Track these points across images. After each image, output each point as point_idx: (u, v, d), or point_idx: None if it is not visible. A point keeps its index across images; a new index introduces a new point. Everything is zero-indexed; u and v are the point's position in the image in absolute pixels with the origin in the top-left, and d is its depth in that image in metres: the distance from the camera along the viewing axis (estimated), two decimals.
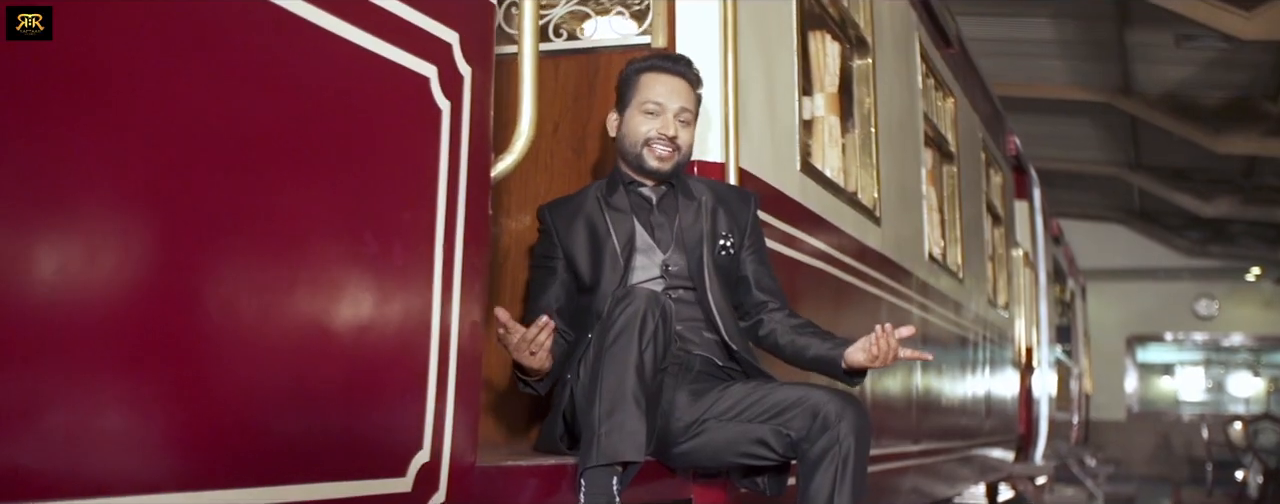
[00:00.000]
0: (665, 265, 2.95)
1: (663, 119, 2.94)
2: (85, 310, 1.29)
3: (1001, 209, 9.08)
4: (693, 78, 3.01)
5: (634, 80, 3.00)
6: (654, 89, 2.96)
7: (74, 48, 1.23)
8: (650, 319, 2.59)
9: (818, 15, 4.71)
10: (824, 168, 4.55)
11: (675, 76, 2.99)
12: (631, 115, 2.98)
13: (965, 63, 7.73)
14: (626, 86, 3.01)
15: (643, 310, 2.59)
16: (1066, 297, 14.61)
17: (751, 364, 2.92)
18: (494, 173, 2.07)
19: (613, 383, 2.55)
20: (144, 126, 1.35)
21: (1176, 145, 13.79)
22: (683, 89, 2.98)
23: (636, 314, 2.58)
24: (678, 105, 2.96)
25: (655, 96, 2.95)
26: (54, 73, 1.22)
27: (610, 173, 3.07)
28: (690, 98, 2.99)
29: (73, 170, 1.26)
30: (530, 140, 2.14)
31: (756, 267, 3.09)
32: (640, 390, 2.54)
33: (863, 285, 4.65)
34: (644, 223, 2.98)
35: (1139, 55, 11.56)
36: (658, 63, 3.01)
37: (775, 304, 3.06)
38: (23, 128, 1.20)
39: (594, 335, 2.68)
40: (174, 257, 1.40)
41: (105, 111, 1.29)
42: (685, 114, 2.97)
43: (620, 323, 2.58)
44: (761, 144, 3.57)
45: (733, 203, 3.09)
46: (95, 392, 1.29)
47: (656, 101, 2.95)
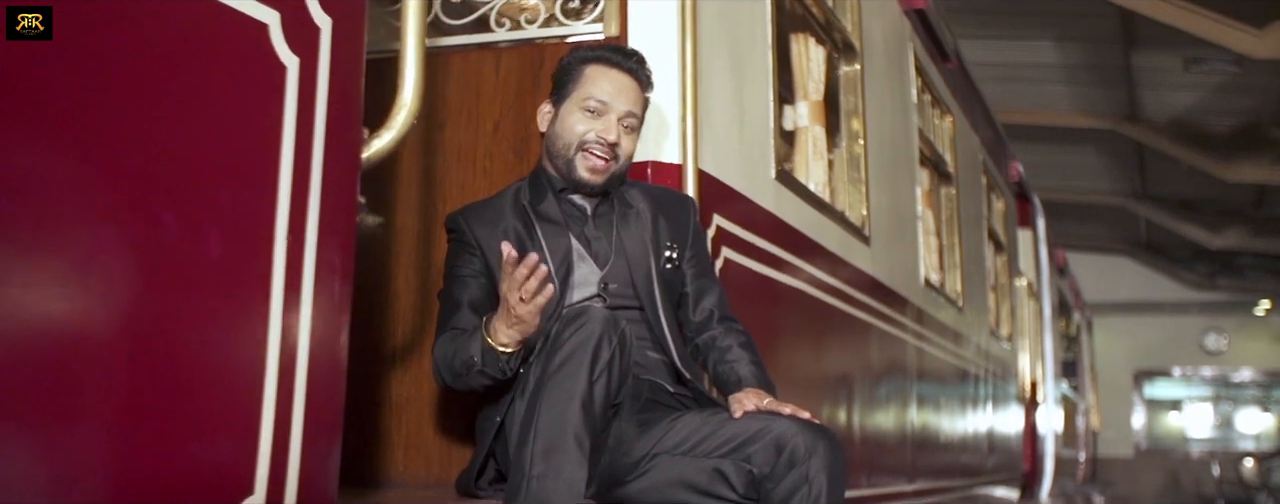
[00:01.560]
0: (604, 283, 2.56)
1: (605, 121, 2.55)
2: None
3: (1004, 237, 8.72)
4: (644, 78, 2.62)
5: (576, 71, 2.60)
6: (599, 85, 2.57)
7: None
8: (605, 346, 2.21)
9: (800, 17, 4.34)
10: (807, 181, 4.17)
11: (625, 74, 2.59)
12: (568, 111, 2.58)
13: (964, 80, 7.40)
14: (566, 77, 2.61)
15: (597, 335, 2.21)
16: (1072, 330, 14.44)
17: (702, 391, 2.52)
18: (367, 153, 1.67)
19: (552, 418, 2.17)
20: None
21: (1184, 174, 13.54)
22: (632, 90, 2.59)
23: (589, 339, 2.20)
24: (624, 107, 2.56)
25: (599, 93, 2.56)
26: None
27: (532, 173, 2.67)
28: (638, 101, 2.60)
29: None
30: (414, 113, 1.75)
31: (698, 281, 2.71)
32: (585, 429, 2.17)
33: (849, 310, 4.25)
34: (578, 236, 2.58)
35: (1146, 80, 11.28)
36: (607, 55, 2.61)
37: (717, 326, 2.67)
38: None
39: (536, 359, 2.28)
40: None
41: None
42: (631, 119, 2.58)
43: (569, 347, 2.20)
44: (727, 147, 3.18)
45: (671, 209, 2.70)
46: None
47: (600, 100, 2.55)
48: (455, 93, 3.14)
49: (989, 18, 10.09)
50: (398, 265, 3.11)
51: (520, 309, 2.25)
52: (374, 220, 3.05)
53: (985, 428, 7.44)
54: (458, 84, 3.14)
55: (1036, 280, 10.34)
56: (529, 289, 2.23)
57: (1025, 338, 9.60)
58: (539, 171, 2.65)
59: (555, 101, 2.61)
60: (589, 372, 2.16)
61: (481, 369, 2.35)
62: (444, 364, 2.45)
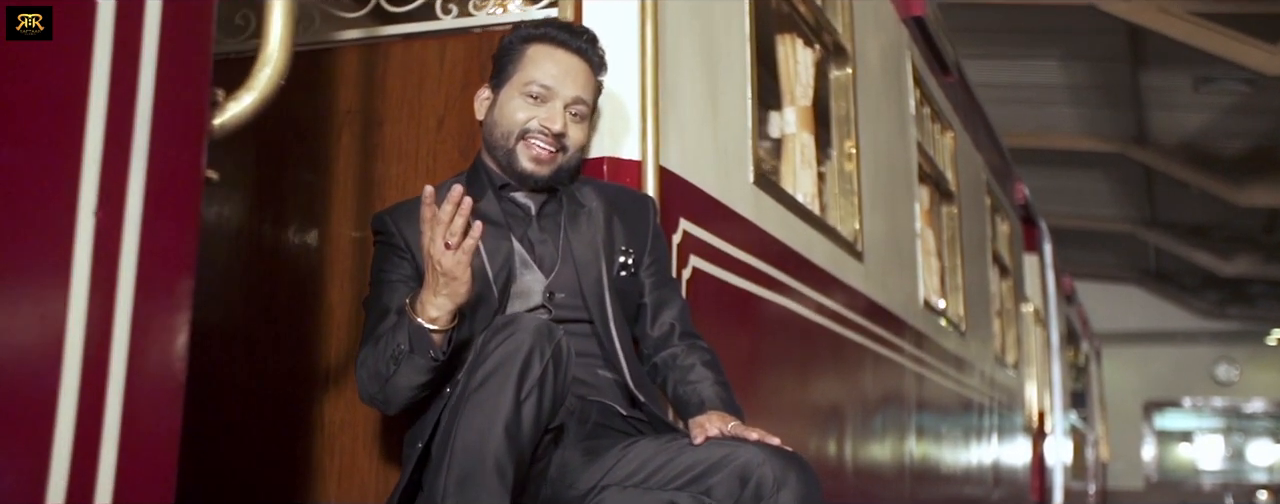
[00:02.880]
0: (550, 292, 2.24)
1: (549, 108, 2.25)
2: None
3: (1009, 261, 8.44)
4: (595, 60, 2.32)
5: (518, 52, 2.30)
6: (542, 67, 2.27)
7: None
8: (536, 360, 1.90)
9: (786, 16, 4.04)
10: (795, 191, 3.86)
11: (573, 55, 2.29)
12: (509, 97, 2.28)
13: (966, 96, 7.13)
14: (506, 58, 2.31)
15: (527, 347, 1.90)
16: (1081, 360, 14.41)
17: (659, 415, 2.20)
18: (219, 119, 1.36)
19: (470, 442, 1.86)
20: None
21: (1194, 199, 13.41)
22: (580, 73, 2.29)
23: (517, 351, 1.89)
24: (571, 93, 2.26)
25: (543, 77, 2.25)
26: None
27: (471, 167, 2.37)
28: (588, 86, 2.30)
29: None
30: (281, 70, 1.43)
31: (658, 291, 2.39)
32: (508, 456, 1.86)
33: (840, 329, 3.93)
34: (521, 238, 2.27)
35: (1154, 101, 11.10)
36: (552, 33, 2.30)
37: (678, 343, 2.35)
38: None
39: (463, 375, 1.96)
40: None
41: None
42: (579, 106, 2.28)
43: (494, 360, 1.89)
44: (698, 146, 2.87)
45: (628, 209, 2.39)
46: None
47: (543, 84, 2.25)
48: (396, 86, 2.84)
49: (992, 36, 9.87)
50: (331, 276, 2.80)
51: (446, 259, 1.95)
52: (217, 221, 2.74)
53: (990, 460, 7.19)
54: (398, 77, 2.85)
55: (1043, 307, 10.13)
56: (455, 229, 1.94)
57: (1032, 366, 9.45)
58: (478, 165, 2.35)
59: (494, 86, 2.32)
60: (516, 389, 1.85)
61: (411, 354, 2.03)
62: (370, 373, 2.14)
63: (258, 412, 2.81)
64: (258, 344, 2.84)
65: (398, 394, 2.11)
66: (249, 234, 2.90)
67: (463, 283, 1.98)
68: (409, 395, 2.12)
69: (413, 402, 2.14)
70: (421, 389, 2.10)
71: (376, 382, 2.13)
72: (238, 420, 2.82)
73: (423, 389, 2.10)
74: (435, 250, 1.96)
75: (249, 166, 2.94)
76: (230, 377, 2.84)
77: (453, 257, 1.95)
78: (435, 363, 2.04)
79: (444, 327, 2.02)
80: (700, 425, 2.12)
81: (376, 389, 2.14)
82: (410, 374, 2.07)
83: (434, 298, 2.00)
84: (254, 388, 2.82)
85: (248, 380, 2.82)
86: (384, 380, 2.10)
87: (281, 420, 2.78)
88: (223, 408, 2.84)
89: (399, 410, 2.18)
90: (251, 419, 2.81)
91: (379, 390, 2.13)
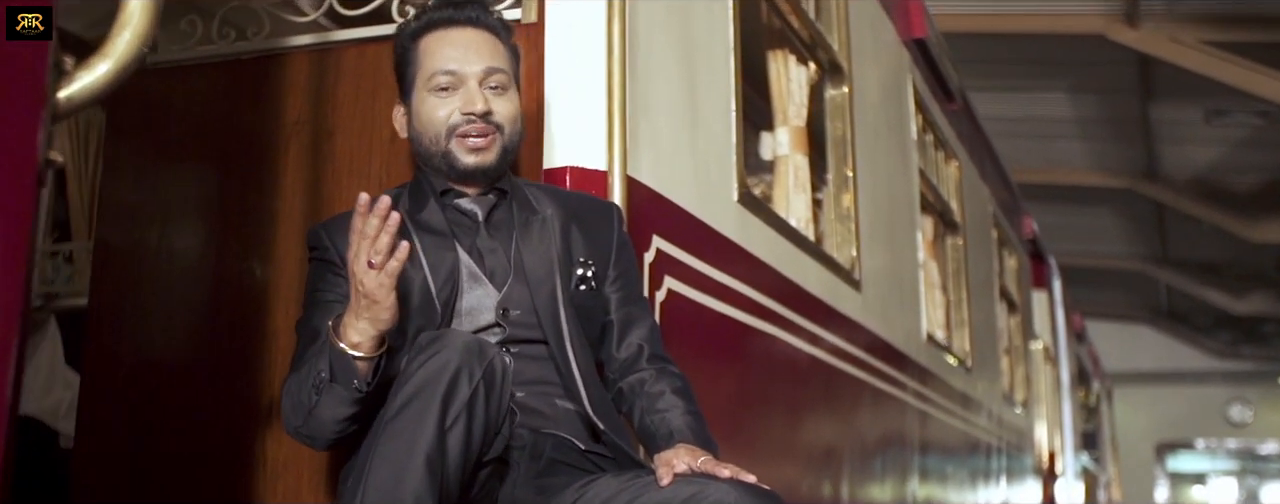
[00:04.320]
0: (502, 308, 2.00)
1: (464, 92, 2.02)
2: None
3: (1017, 296, 8.23)
4: (494, 25, 2.09)
5: (411, 52, 2.08)
6: (440, 54, 2.04)
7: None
8: (464, 381, 1.67)
9: (778, 31, 3.83)
10: (788, 215, 3.64)
11: (466, 28, 2.07)
12: (421, 101, 2.06)
13: (972, 125, 6.94)
14: (404, 64, 2.10)
15: (453, 367, 1.66)
16: (1092, 400, 14.32)
17: (624, 449, 1.95)
18: (67, 91, 1.14)
19: (386, 477, 1.64)
20: None
21: (1206, 235, 13.26)
22: (482, 43, 2.06)
23: (442, 371, 1.66)
24: (481, 66, 2.03)
25: (444, 63, 2.03)
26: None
27: (413, 181, 2.15)
28: (497, 53, 2.07)
29: None
30: (144, 37, 1.21)
31: (625, 309, 2.14)
32: (429, 492, 1.63)
33: (835, 362, 3.69)
34: (469, 248, 2.04)
35: (1165, 134, 10.95)
36: (435, 18, 2.08)
37: (647, 366, 2.11)
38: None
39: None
40: None
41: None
42: (496, 76, 2.05)
43: (414, 383, 1.66)
44: (674, 158, 2.65)
45: (589, 218, 2.15)
46: None
47: (447, 70, 2.03)
48: (348, 95, 2.63)
49: (997, 67, 9.70)
50: (276, 300, 2.57)
51: (368, 280, 1.74)
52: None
53: (999, 502, 6.97)
54: (350, 85, 2.63)
55: (1053, 344, 9.92)
56: (380, 247, 1.73)
57: (1042, 405, 9.29)
58: (418, 177, 2.12)
59: (404, 99, 2.10)
60: (439, 415, 1.62)
61: (332, 384, 1.80)
62: (293, 404, 1.91)
63: (195, 447, 2.58)
64: (195, 374, 2.62)
65: (322, 428, 1.88)
66: (185, 254, 2.68)
67: (385, 308, 1.76)
68: (335, 430, 1.88)
69: (341, 436, 1.90)
70: (348, 423, 1.87)
71: (299, 413, 1.89)
72: (174, 455, 2.59)
73: (349, 423, 1.87)
74: (358, 269, 1.75)
75: (188, 182, 2.73)
76: (165, 408, 2.61)
77: (375, 278, 1.74)
78: (360, 394, 1.81)
79: (369, 353, 1.80)
80: (667, 462, 1.88)
81: (300, 421, 1.90)
82: (333, 406, 1.83)
83: (356, 321, 1.78)
84: (191, 421, 2.59)
85: (184, 413, 2.60)
86: (306, 412, 1.87)
87: (220, 457, 2.55)
88: (157, 442, 2.61)
89: (327, 446, 1.94)
90: (188, 456, 2.58)
91: (303, 423, 1.90)
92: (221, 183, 2.69)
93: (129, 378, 2.69)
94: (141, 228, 2.73)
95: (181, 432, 2.60)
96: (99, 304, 2.75)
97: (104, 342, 2.73)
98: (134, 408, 2.67)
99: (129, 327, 2.72)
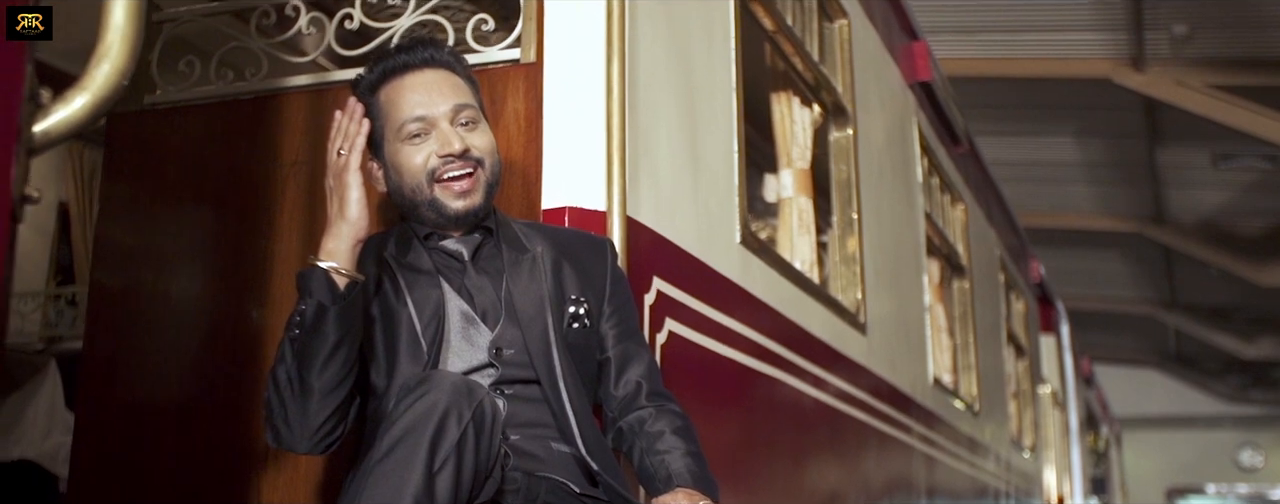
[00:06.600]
0: (495, 348, 1.96)
1: (438, 134, 1.99)
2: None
3: (1025, 340, 8.16)
4: (448, 61, 2.07)
5: (373, 106, 2.04)
6: (405, 101, 2.01)
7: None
8: (453, 422, 1.63)
9: (782, 73, 3.81)
10: (792, 258, 3.61)
11: (423, 70, 2.04)
12: (394, 152, 2.02)
13: (978, 168, 6.91)
14: (370, 119, 2.05)
15: (442, 408, 1.62)
16: (1101, 445, 14.16)
17: (620, 493, 1.91)
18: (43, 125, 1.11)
19: None
20: None
21: (1214, 280, 13.20)
22: (442, 82, 2.03)
23: (431, 412, 1.62)
24: (448, 105, 2.00)
25: (412, 111, 2.00)
26: None
27: (397, 227, 2.11)
28: (461, 89, 2.04)
29: None
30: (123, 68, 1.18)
31: (622, 345, 2.10)
32: None
33: (840, 406, 3.64)
34: (458, 289, 2.00)
35: (1172, 178, 10.91)
36: (388, 67, 2.05)
37: (647, 405, 2.06)
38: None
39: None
40: None
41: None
42: (465, 112, 2.02)
43: (402, 425, 1.62)
44: (675, 199, 2.62)
45: (581, 254, 2.11)
46: None
47: (416, 116, 1.99)
48: None
49: (1004, 111, 9.69)
50: (272, 342, 2.52)
51: (335, 165, 1.89)
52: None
53: None
54: None
55: (1061, 389, 9.83)
56: (349, 135, 1.89)
57: (1050, 450, 9.18)
58: (402, 226, 2.09)
59: (376, 154, 2.06)
60: (427, 458, 1.58)
61: (312, 320, 1.81)
62: (272, 390, 1.88)
63: (190, 491, 2.54)
64: (190, 418, 2.58)
65: (308, 397, 1.83)
66: (182, 296, 2.65)
67: (352, 204, 1.85)
68: (318, 409, 1.84)
69: (321, 427, 1.86)
70: (331, 391, 1.83)
71: (275, 398, 1.85)
72: (168, 499, 2.55)
73: (333, 391, 1.83)
74: (329, 160, 1.89)
75: (186, 223, 2.70)
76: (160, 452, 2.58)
77: (339, 163, 1.87)
78: (338, 308, 1.80)
79: (345, 264, 1.81)
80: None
81: (283, 400, 1.84)
82: (315, 345, 1.81)
83: (330, 228, 1.86)
84: (186, 465, 2.55)
85: (179, 457, 2.56)
86: (284, 386, 1.83)
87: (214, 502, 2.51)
88: (152, 486, 2.57)
89: (310, 447, 1.89)
90: (183, 501, 2.54)
91: (281, 405, 1.85)
92: (219, 224, 2.67)
93: (124, 422, 2.65)
94: (138, 270, 2.70)
95: (176, 476, 2.56)
96: (94, 347, 2.72)
97: (99, 385, 2.69)
98: (128, 452, 2.63)
99: (124, 370, 2.68)
